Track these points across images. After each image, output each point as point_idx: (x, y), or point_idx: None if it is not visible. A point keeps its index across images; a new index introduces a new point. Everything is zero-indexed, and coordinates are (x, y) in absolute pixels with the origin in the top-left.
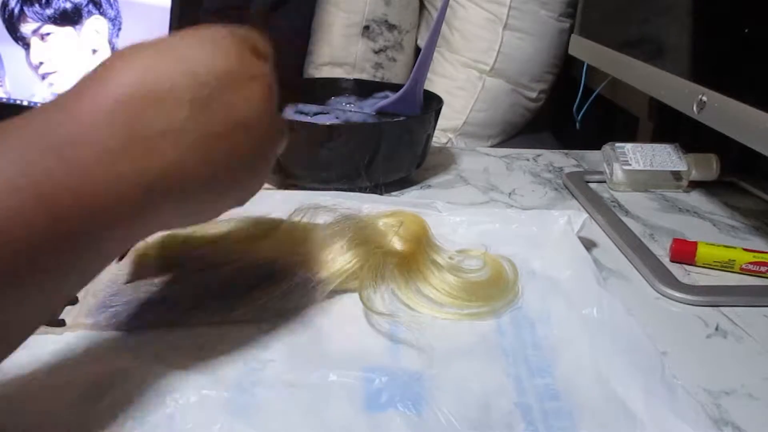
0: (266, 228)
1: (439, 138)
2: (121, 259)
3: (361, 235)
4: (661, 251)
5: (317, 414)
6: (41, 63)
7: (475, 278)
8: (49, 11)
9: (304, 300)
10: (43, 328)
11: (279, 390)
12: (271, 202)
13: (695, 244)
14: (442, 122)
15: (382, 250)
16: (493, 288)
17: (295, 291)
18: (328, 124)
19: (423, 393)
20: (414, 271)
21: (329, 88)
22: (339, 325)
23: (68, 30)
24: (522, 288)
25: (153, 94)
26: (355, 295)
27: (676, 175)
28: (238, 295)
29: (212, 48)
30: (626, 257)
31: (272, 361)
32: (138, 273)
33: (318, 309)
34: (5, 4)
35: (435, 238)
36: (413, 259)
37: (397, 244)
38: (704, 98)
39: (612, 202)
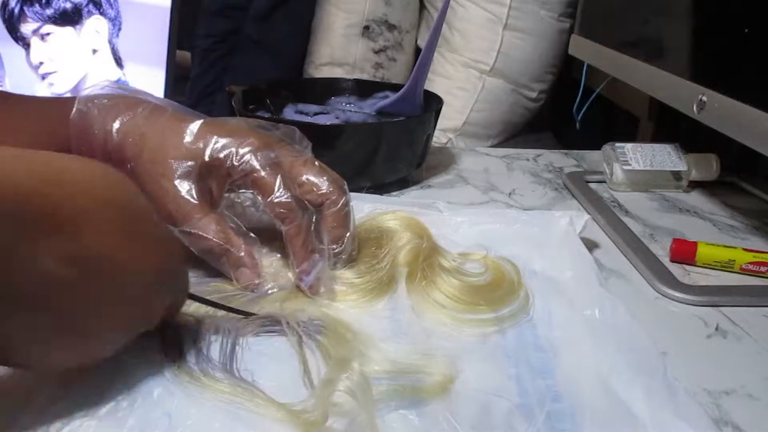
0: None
1: (439, 138)
2: None
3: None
4: (661, 251)
5: None
6: (41, 63)
7: (477, 282)
8: (49, 11)
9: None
10: None
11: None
12: None
13: (695, 244)
14: (442, 122)
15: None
16: (495, 292)
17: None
18: (328, 124)
19: (423, 393)
20: (420, 274)
21: (329, 88)
22: (339, 324)
23: (68, 30)
24: (530, 297)
25: None
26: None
27: (676, 175)
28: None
29: None
30: (626, 257)
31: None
32: None
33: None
34: (5, 4)
35: (436, 240)
36: (418, 262)
37: (405, 250)
38: (704, 98)
39: (612, 202)
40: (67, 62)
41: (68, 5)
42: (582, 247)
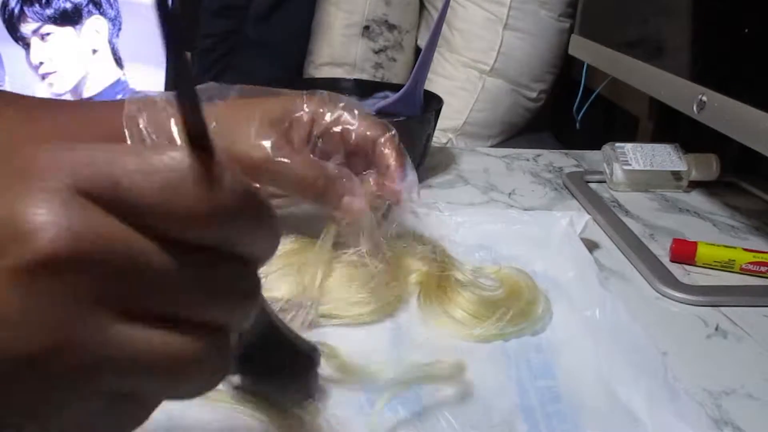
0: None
1: (439, 138)
2: None
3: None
4: (661, 251)
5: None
6: (41, 63)
7: (494, 296)
8: (49, 11)
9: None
10: None
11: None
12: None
13: (695, 244)
14: (442, 122)
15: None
16: (515, 305)
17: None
18: None
19: (424, 393)
20: (437, 289)
21: (329, 88)
22: (338, 327)
23: (68, 30)
24: (549, 306)
25: None
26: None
27: (676, 175)
28: None
29: None
30: (626, 257)
31: None
32: None
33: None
34: (5, 4)
35: (449, 252)
36: (434, 278)
37: (418, 264)
38: (704, 98)
39: (612, 202)
40: (67, 62)
41: (68, 5)
42: (582, 248)
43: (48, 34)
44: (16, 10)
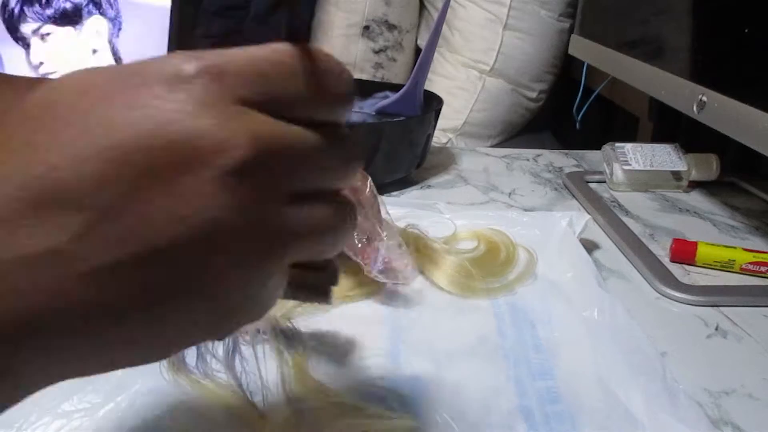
0: None
1: (439, 138)
2: None
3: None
4: (661, 251)
5: None
6: (41, 63)
7: (474, 256)
8: (49, 11)
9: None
10: None
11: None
12: None
13: (695, 244)
14: (442, 122)
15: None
16: (495, 261)
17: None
18: None
19: (423, 394)
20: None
21: None
22: (339, 328)
23: (68, 30)
24: (534, 255)
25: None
26: (356, 300)
27: (676, 175)
28: None
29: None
30: (626, 257)
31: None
32: None
33: (320, 313)
34: (5, 4)
35: (419, 231)
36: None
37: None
38: (704, 98)
39: (612, 202)
40: (67, 62)
41: (68, 5)
42: (581, 249)
43: (48, 34)
44: (16, 10)
